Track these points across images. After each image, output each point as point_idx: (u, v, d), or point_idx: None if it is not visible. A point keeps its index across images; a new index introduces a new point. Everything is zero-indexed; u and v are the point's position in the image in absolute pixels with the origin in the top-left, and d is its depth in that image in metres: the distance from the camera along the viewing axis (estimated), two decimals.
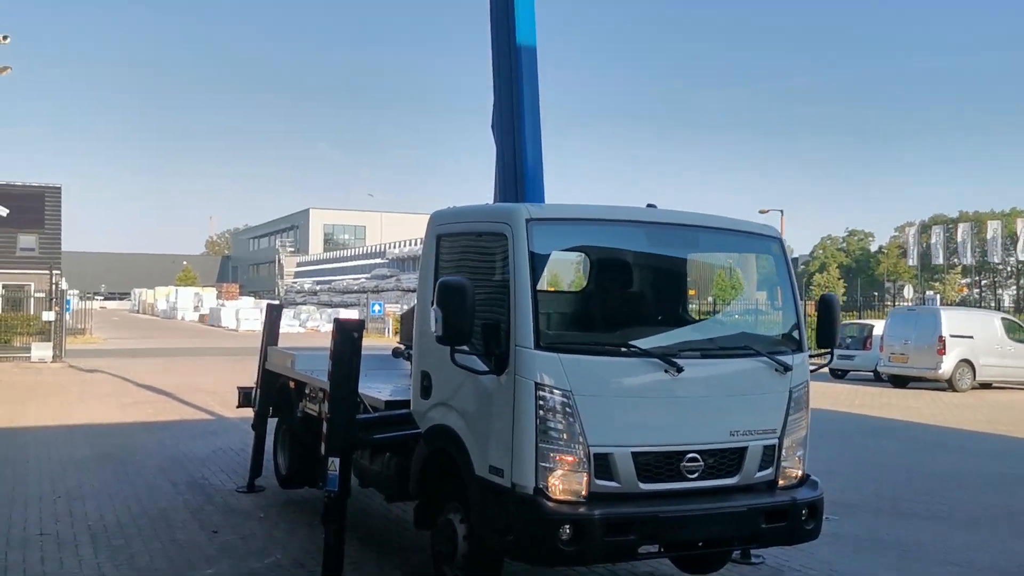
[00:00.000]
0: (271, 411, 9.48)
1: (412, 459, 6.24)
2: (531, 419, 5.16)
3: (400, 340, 9.18)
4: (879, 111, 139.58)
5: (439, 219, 6.40)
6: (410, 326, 7.29)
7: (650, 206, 6.14)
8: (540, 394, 5.16)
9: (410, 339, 7.19)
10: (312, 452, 7.84)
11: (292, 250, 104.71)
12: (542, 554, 5.21)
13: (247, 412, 10.39)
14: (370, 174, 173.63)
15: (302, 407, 8.56)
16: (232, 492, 9.27)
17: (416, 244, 64.81)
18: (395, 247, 75.66)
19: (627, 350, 5.48)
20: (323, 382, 7.33)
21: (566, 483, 5.16)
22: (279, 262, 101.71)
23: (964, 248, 64.30)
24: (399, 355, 8.41)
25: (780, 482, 5.80)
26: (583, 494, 5.18)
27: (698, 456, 5.44)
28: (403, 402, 6.67)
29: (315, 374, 8.01)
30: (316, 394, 8.06)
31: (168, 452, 11.53)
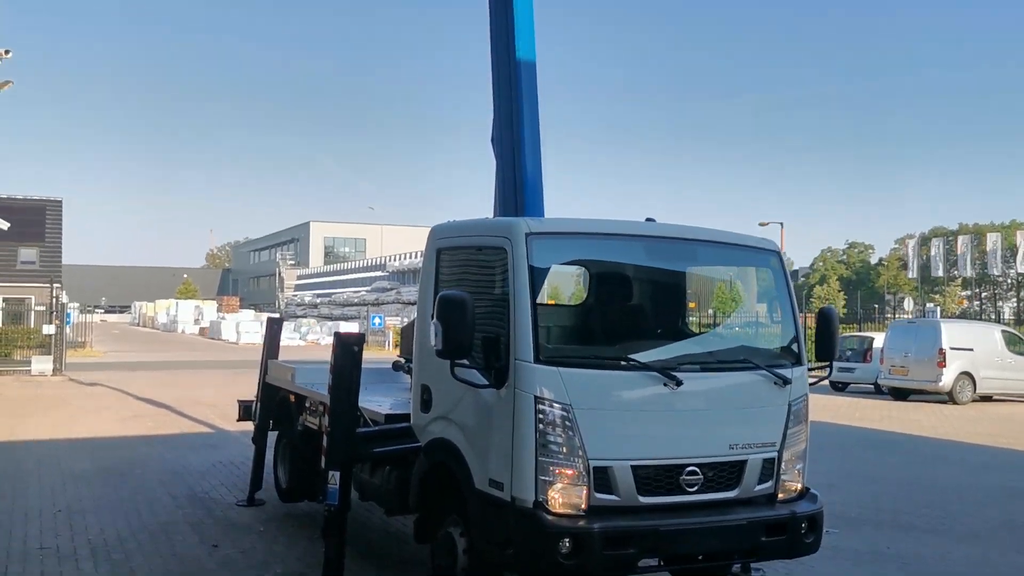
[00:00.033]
0: (271, 424, 9.49)
1: (412, 472, 6.25)
2: (531, 433, 5.17)
3: (400, 353, 9.19)
4: (879, 123, 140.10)
5: (439, 233, 6.43)
6: (410, 340, 7.30)
7: (649, 220, 6.19)
8: (540, 408, 5.18)
9: (410, 352, 7.21)
10: (312, 466, 7.84)
11: (292, 263, 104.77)
12: (542, 567, 5.20)
13: (247, 425, 10.40)
14: (370, 187, 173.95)
15: (302, 420, 8.57)
16: (232, 506, 9.26)
17: (416, 257, 64.85)
18: (395, 260, 75.73)
19: (626, 363, 5.50)
20: (323, 395, 7.35)
21: (566, 496, 5.17)
22: (279, 275, 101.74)
23: (964, 260, 64.35)
24: (399, 368, 8.43)
25: (780, 495, 5.80)
26: (583, 507, 5.19)
27: (697, 469, 5.45)
28: (403, 415, 6.69)
29: (315, 387, 8.02)
30: (316, 407, 8.07)
31: (168, 465, 11.52)
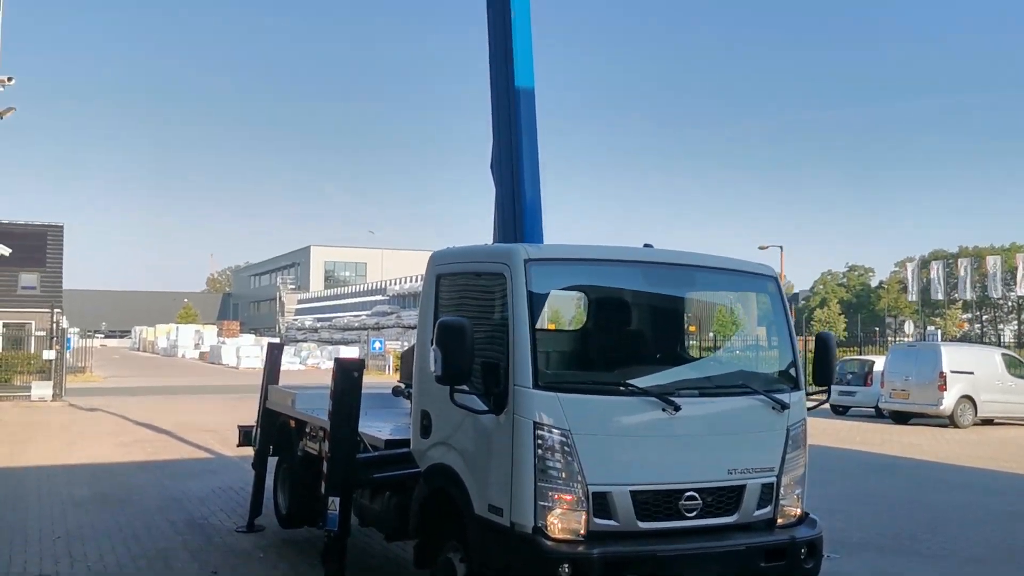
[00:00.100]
0: (271, 450, 9.49)
1: (412, 498, 6.26)
2: (530, 458, 5.19)
3: (400, 379, 9.21)
4: (878, 147, 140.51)
5: (439, 259, 6.48)
6: (410, 365, 7.33)
7: (647, 246, 6.24)
8: (539, 433, 5.20)
9: (410, 378, 7.23)
10: (312, 491, 7.84)
11: (293, 287, 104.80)
12: None
13: (247, 451, 10.40)
14: (371, 211, 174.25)
15: (302, 446, 8.58)
16: (232, 532, 9.25)
17: (417, 281, 64.93)
18: (396, 284, 75.75)
19: (625, 389, 5.53)
20: (323, 421, 7.37)
21: (565, 522, 5.18)
22: (280, 299, 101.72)
23: (964, 283, 64.34)
24: (399, 394, 8.45)
25: (779, 520, 5.81)
26: (582, 533, 5.20)
27: (696, 494, 5.47)
28: (403, 441, 6.71)
29: (315, 413, 8.04)
30: (316, 433, 8.08)
31: (168, 492, 11.50)
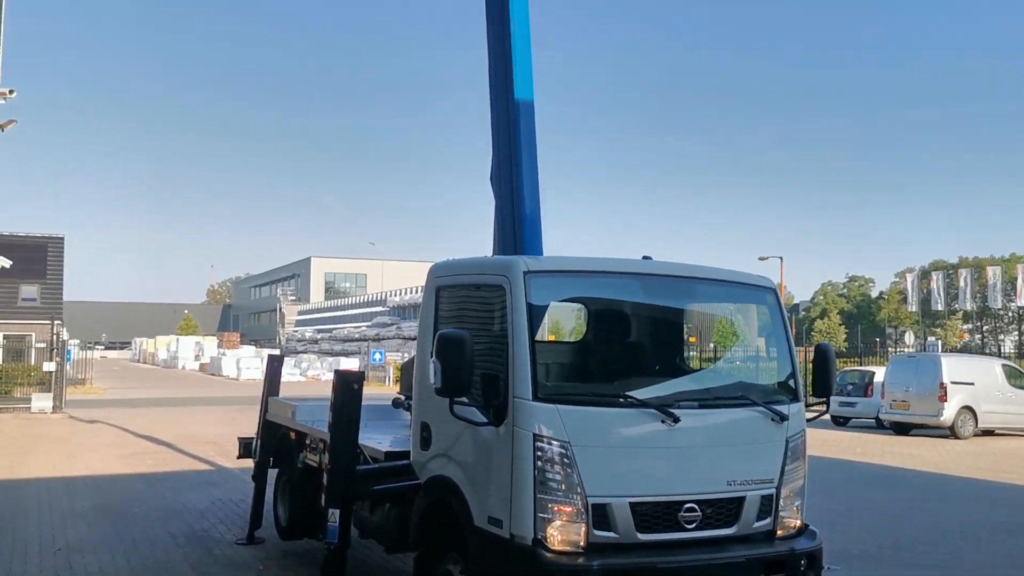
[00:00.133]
0: (272, 462, 9.50)
1: (412, 510, 6.26)
2: (529, 470, 5.20)
3: (400, 390, 9.23)
4: (878, 157, 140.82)
5: (438, 271, 6.51)
6: (410, 377, 7.35)
7: (646, 258, 6.27)
8: (538, 445, 5.21)
9: (410, 389, 7.25)
10: (312, 503, 7.85)
11: (293, 298, 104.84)
12: None
13: (247, 463, 10.40)
14: (371, 222, 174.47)
15: (302, 458, 8.59)
16: (232, 544, 9.24)
17: (417, 292, 64.93)
18: (396, 295, 75.77)
19: (624, 401, 5.54)
20: (324, 433, 7.38)
21: (564, 534, 5.19)
22: (280, 311, 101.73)
23: (964, 294, 64.37)
24: (399, 405, 8.45)
25: (778, 532, 5.82)
26: (581, 545, 5.20)
27: (696, 506, 5.47)
28: (403, 453, 6.72)
29: (316, 425, 8.05)
30: (317, 445, 8.09)
31: (168, 504, 11.50)
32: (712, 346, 7.63)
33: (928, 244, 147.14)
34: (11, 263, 35.08)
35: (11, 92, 23.54)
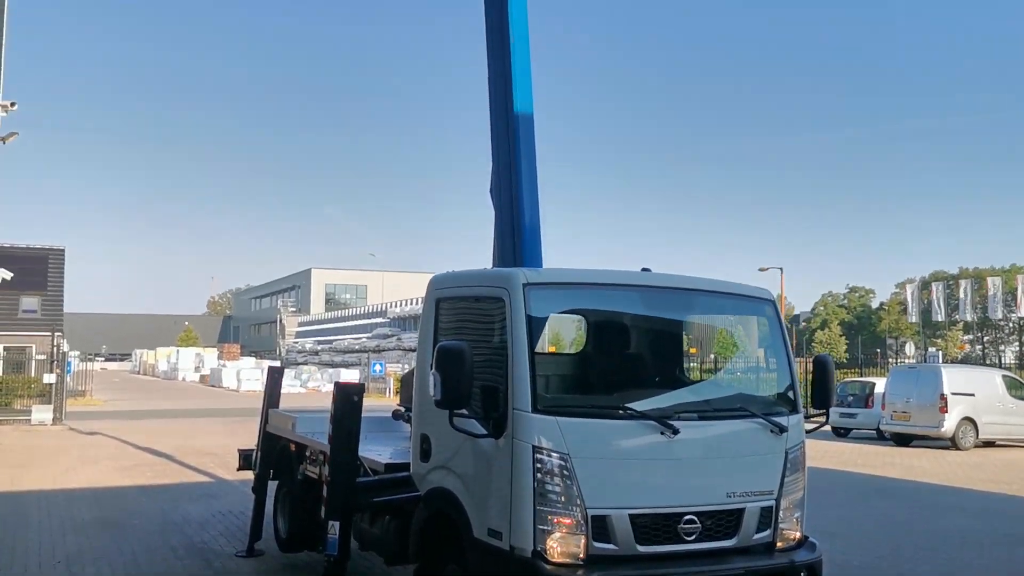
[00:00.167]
0: (271, 474, 9.50)
1: (412, 522, 6.27)
2: (529, 482, 5.21)
3: (400, 402, 9.24)
4: (878, 168, 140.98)
5: (438, 283, 6.53)
6: (410, 388, 7.36)
7: (644, 270, 6.29)
8: (538, 457, 5.23)
9: (410, 401, 7.26)
10: (312, 515, 7.85)
11: (293, 310, 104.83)
12: None
13: (247, 475, 10.40)
14: (371, 233, 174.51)
15: (303, 470, 8.59)
16: (231, 556, 9.23)
17: (417, 303, 64.90)
18: (396, 306, 75.74)
19: (624, 412, 5.55)
20: (324, 445, 7.39)
21: (564, 546, 5.19)
22: (280, 322, 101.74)
23: (964, 305, 64.38)
24: (399, 417, 8.47)
25: (778, 544, 5.82)
26: (581, 557, 5.20)
27: (695, 518, 5.48)
28: (403, 465, 6.73)
29: (316, 437, 8.06)
30: (317, 457, 8.09)
31: (167, 516, 11.49)
32: (712, 358, 7.65)
33: (928, 255, 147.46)
34: (12, 275, 35.11)
35: (12, 105, 23.63)
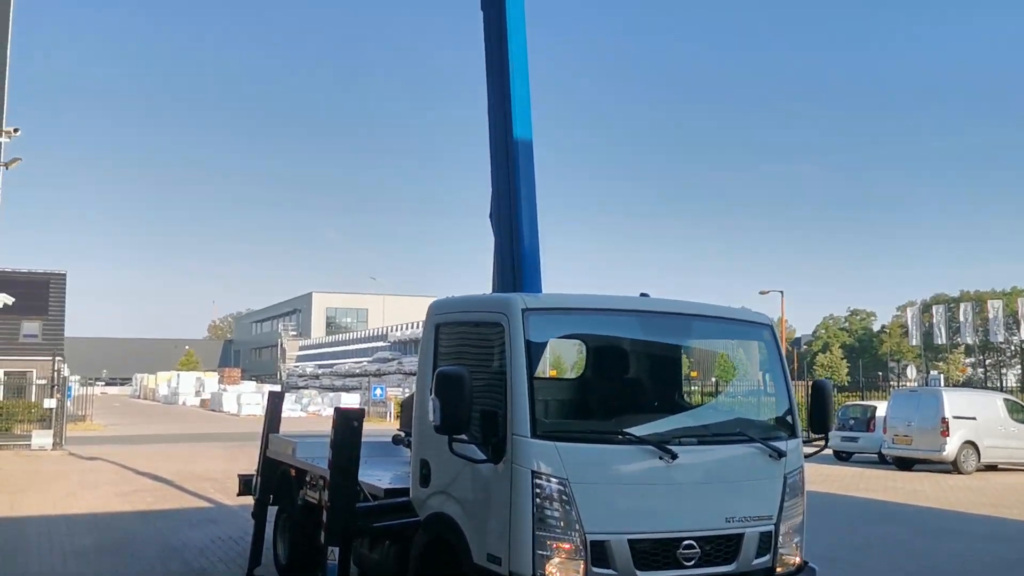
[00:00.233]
0: (271, 499, 9.50)
1: (411, 547, 6.27)
2: (528, 507, 5.23)
3: (400, 427, 9.25)
4: (879, 191, 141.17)
5: (438, 309, 6.57)
6: (410, 413, 7.38)
7: (643, 295, 6.33)
8: (537, 482, 5.24)
9: (410, 426, 7.28)
10: (312, 541, 7.84)
11: (294, 334, 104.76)
12: None
13: (247, 500, 10.39)
14: (372, 256, 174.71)
15: (303, 495, 8.59)
16: None
17: (418, 327, 64.86)
18: (397, 330, 75.72)
19: (622, 437, 5.57)
20: (323, 470, 7.39)
21: (563, 571, 5.20)
22: (281, 346, 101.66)
23: (966, 328, 64.33)
24: (399, 442, 8.48)
25: (777, 569, 5.82)
26: None
27: (695, 543, 5.48)
28: (403, 490, 6.74)
29: (316, 462, 8.06)
30: (317, 482, 8.10)
31: (167, 541, 11.46)
32: (710, 382, 7.67)
33: (929, 278, 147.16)
34: (13, 300, 35.17)
35: (16, 131, 23.79)
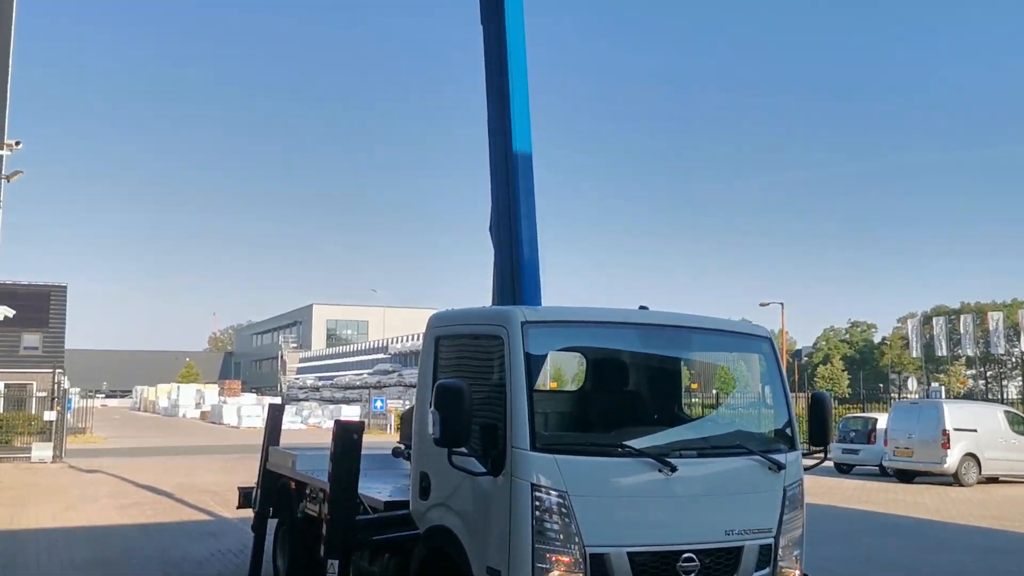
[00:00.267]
0: (271, 512, 9.48)
1: (411, 560, 6.26)
2: (527, 520, 5.22)
3: (400, 439, 9.25)
4: (879, 203, 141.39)
5: (437, 321, 6.58)
6: (410, 426, 7.38)
7: (642, 307, 6.34)
8: (536, 495, 5.24)
9: (410, 439, 7.28)
10: (312, 554, 7.83)
11: (295, 346, 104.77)
12: None
13: (247, 513, 10.37)
14: (372, 268, 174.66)
15: (303, 507, 8.58)
16: None
17: (418, 339, 64.82)
18: (397, 342, 75.70)
19: (622, 450, 5.57)
20: (323, 483, 7.39)
21: None
22: (281, 358, 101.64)
23: (966, 339, 64.25)
24: (399, 455, 8.48)
25: None
26: None
27: (694, 556, 5.47)
28: (402, 503, 6.73)
29: (316, 474, 8.06)
30: (317, 495, 8.09)
31: (167, 555, 11.44)
32: (710, 395, 7.68)
33: (929, 289, 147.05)
34: (14, 313, 35.18)
35: (17, 144, 23.84)
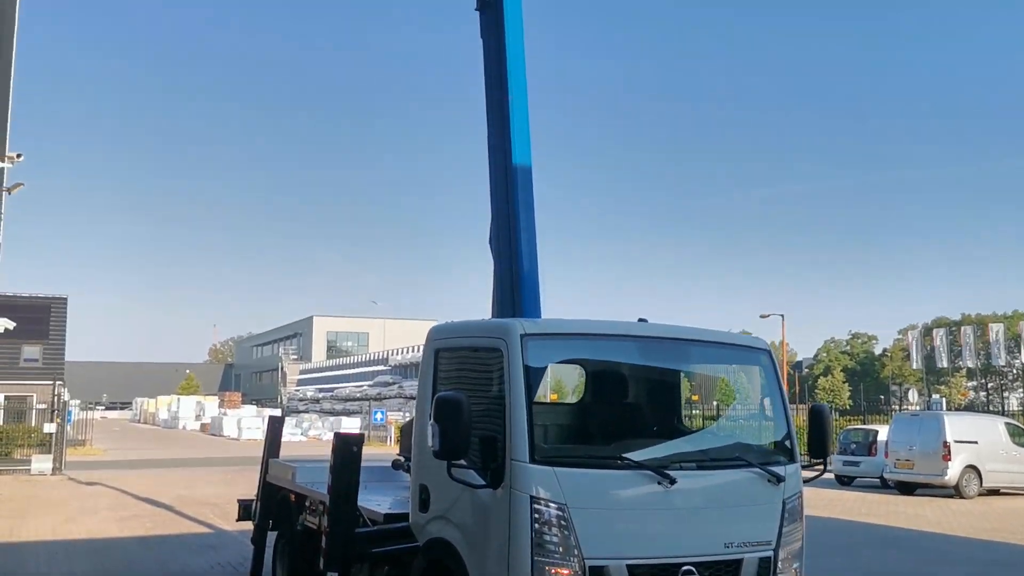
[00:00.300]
0: (271, 524, 9.48)
1: (410, 572, 6.26)
2: (527, 532, 5.23)
3: (400, 452, 9.26)
4: (879, 214, 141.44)
5: (437, 334, 6.60)
6: (409, 438, 7.39)
7: (641, 320, 6.36)
8: (536, 507, 5.25)
9: (410, 451, 7.28)
10: (312, 566, 7.83)
11: (295, 357, 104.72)
12: None
13: (247, 525, 10.37)
14: (373, 279, 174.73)
15: (302, 520, 8.58)
16: None
17: (418, 351, 64.78)
18: (398, 354, 75.66)
19: (621, 462, 5.58)
20: (323, 495, 7.40)
21: None
22: (282, 370, 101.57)
23: (967, 351, 64.20)
24: (399, 467, 8.48)
25: None
26: None
27: (693, 568, 5.47)
28: (402, 515, 6.74)
29: (315, 487, 8.07)
30: (316, 507, 8.09)
31: (166, 568, 11.42)
32: (709, 407, 7.70)
33: (930, 301, 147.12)
34: (14, 325, 35.19)
35: (19, 156, 23.91)
